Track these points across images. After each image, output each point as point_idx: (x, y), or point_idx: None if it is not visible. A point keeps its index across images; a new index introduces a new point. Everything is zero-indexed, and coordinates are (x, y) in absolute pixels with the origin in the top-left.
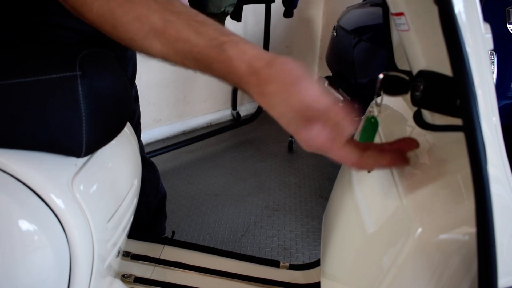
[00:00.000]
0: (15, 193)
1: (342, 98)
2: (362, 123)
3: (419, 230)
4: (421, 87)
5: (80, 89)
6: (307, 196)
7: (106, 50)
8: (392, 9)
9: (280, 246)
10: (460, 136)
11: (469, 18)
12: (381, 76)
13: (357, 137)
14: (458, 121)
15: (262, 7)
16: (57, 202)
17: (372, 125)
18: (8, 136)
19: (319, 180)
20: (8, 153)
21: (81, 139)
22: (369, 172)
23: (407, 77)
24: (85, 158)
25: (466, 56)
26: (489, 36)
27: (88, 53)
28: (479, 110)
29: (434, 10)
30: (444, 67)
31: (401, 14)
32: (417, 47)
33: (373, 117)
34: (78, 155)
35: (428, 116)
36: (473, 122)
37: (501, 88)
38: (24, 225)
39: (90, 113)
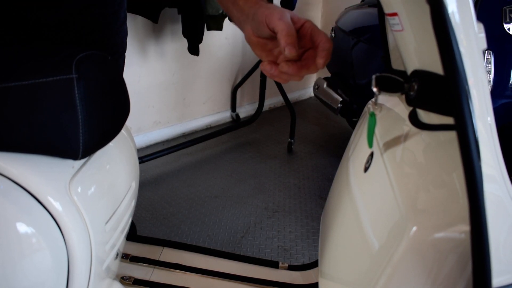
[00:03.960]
0: (12, 196)
1: None
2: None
3: (414, 229)
4: (416, 86)
5: (76, 91)
6: (306, 197)
7: (102, 52)
8: (386, 9)
9: (280, 247)
10: (455, 135)
11: (462, 18)
12: (374, 76)
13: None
14: (453, 120)
15: None
16: (55, 205)
17: (371, 121)
18: (5, 139)
19: (319, 181)
20: (6, 156)
21: (78, 142)
22: (365, 171)
23: (401, 79)
24: (83, 161)
25: (458, 54)
26: (482, 35)
27: (85, 56)
28: (472, 109)
29: (427, 10)
30: (438, 67)
31: (394, 14)
32: (411, 47)
33: (372, 113)
34: (75, 157)
35: (423, 115)
36: (464, 120)
37: (499, 87)
38: (22, 227)
39: (86, 115)
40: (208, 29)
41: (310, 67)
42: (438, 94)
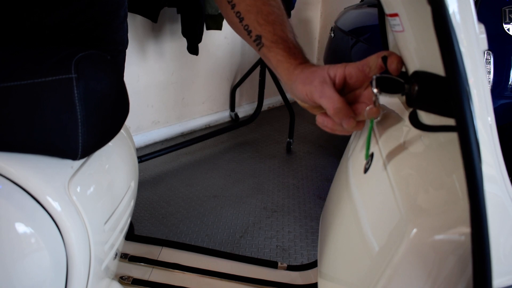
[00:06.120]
0: (11, 196)
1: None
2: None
3: (414, 230)
4: (416, 88)
5: (75, 91)
6: (305, 197)
7: (102, 51)
8: (387, 10)
9: (278, 247)
10: (455, 136)
11: (463, 18)
12: (374, 77)
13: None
14: (453, 122)
15: None
16: (54, 205)
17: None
18: (4, 139)
19: (318, 181)
20: (4, 156)
21: (77, 142)
22: (365, 172)
23: (402, 80)
24: (82, 161)
25: (459, 55)
26: (483, 36)
27: (84, 56)
28: (472, 109)
29: (428, 10)
30: (439, 68)
31: (395, 15)
32: (412, 48)
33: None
34: (74, 157)
35: (424, 116)
36: (465, 121)
37: (498, 88)
38: (21, 228)
39: (86, 115)
40: (207, 29)
41: (361, 113)
42: (439, 95)
